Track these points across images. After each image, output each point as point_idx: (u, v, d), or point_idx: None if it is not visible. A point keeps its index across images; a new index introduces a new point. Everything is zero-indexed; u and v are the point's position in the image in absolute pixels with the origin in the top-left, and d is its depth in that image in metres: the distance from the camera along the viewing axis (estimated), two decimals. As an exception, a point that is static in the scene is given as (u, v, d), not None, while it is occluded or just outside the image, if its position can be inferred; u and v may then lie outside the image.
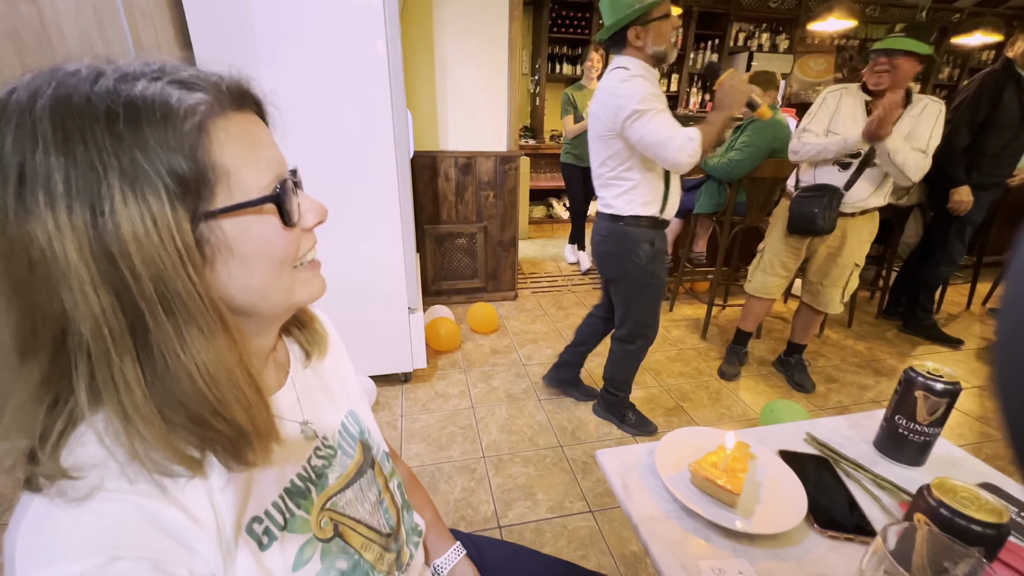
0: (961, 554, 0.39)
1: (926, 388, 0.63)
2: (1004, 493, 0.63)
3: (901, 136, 1.66)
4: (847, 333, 2.71)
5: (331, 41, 1.52)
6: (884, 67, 1.61)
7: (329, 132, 1.61)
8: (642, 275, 1.58)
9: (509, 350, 2.49)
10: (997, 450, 1.79)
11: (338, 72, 1.55)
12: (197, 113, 0.33)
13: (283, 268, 0.40)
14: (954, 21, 4.40)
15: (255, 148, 0.38)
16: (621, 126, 1.38)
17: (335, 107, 1.59)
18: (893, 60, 1.58)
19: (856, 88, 1.76)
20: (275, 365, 0.50)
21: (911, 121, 1.68)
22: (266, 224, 0.38)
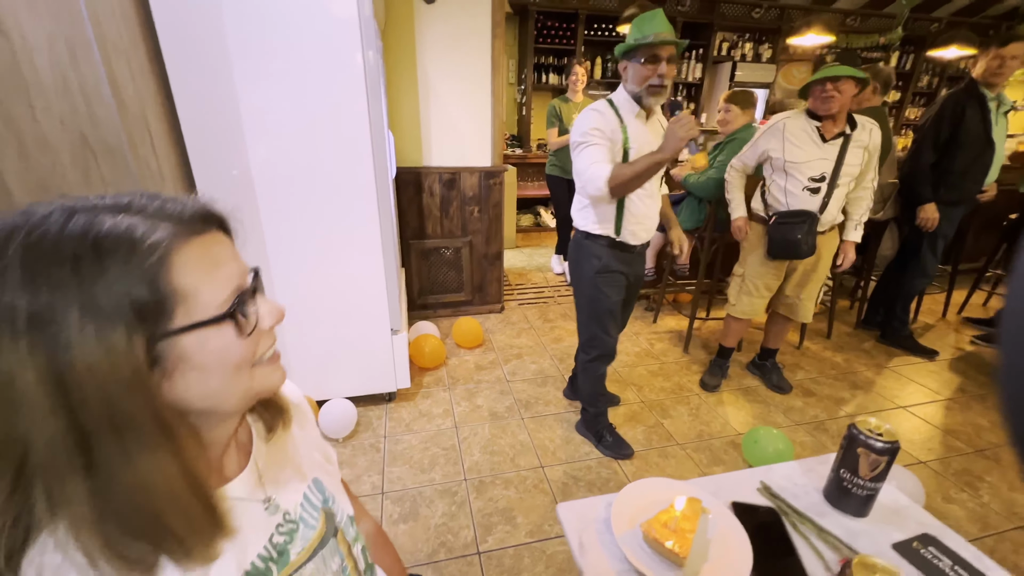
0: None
1: (867, 446, 0.66)
2: (940, 545, 0.66)
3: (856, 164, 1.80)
4: (826, 344, 2.76)
5: (308, 66, 1.52)
6: (831, 92, 1.69)
7: (305, 156, 1.62)
8: (589, 288, 1.64)
9: (494, 366, 2.50)
10: (965, 464, 1.84)
11: (315, 96, 1.56)
12: (159, 247, 0.36)
13: (241, 371, 0.43)
14: (933, 31, 4.48)
15: (215, 267, 0.40)
16: (571, 150, 1.52)
17: (312, 130, 1.59)
18: (839, 86, 1.67)
19: (799, 113, 1.84)
20: (236, 447, 0.52)
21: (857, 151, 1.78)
22: (223, 336, 0.40)
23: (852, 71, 1.66)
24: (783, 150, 1.84)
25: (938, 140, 2.24)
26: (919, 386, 2.37)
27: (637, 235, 1.59)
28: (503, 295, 3.24)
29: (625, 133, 1.46)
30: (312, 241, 1.73)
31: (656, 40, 1.34)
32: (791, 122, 1.85)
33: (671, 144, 1.32)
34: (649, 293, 3.20)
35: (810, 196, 1.84)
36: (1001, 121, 2.21)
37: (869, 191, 1.92)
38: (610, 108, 1.47)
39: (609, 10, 4.04)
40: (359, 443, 1.88)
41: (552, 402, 2.19)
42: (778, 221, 1.90)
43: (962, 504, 1.65)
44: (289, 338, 1.85)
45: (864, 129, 1.80)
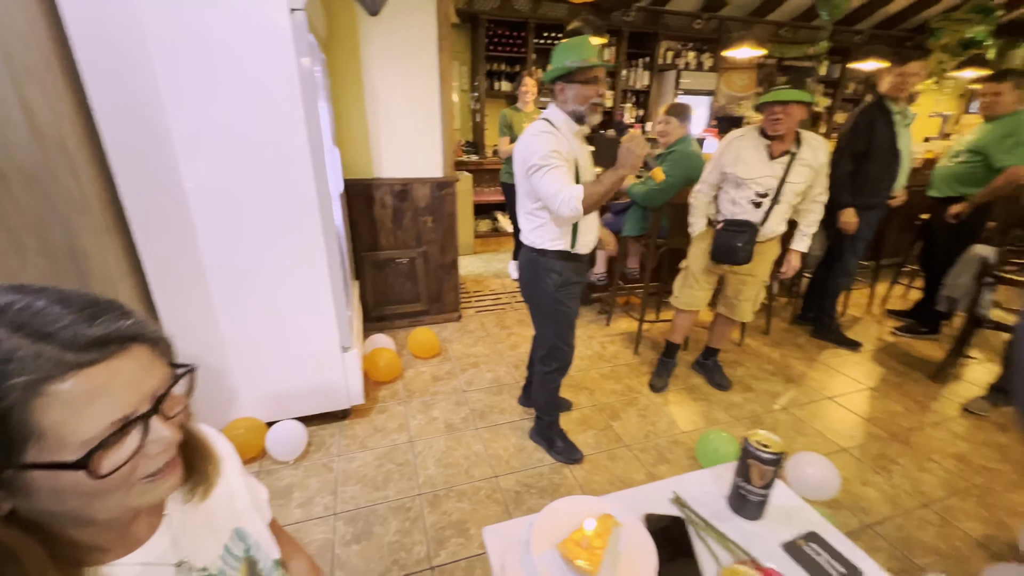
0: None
1: (756, 458, 0.73)
2: (822, 541, 0.75)
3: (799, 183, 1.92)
4: (764, 340, 2.94)
5: (240, 80, 1.48)
6: (779, 115, 1.80)
7: (242, 173, 1.57)
8: (551, 302, 1.69)
9: (451, 376, 2.53)
10: (882, 448, 2.02)
11: (249, 110, 1.52)
12: (18, 389, 0.34)
13: (104, 497, 0.41)
14: (856, 42, 4.82)
15: (93, 402, 0.38)
16: (526, 173, 1.52)
17: (247, 146, 1.55)
18: (787, 109, 1.78)
19: (753, 131, 1.95)
20: (148, 513, 0.51)
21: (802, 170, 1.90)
22: (71, 477, 0.37)
23: (800, 95, 1.76)
24: (736, 165, 1.95)
25: (854, 151, 2.44)
26: (845, 377, 2.57)
27: (587, 244, 1.68)
28: (460, 303, 3.26)
29: (573, 154, 1.52)
30: (254, 261, 1.70)
31: (595, 64, 1.44)
32: (744, 139, 1.95)
33: (629, 161, 1.42)
34: (602, 297, 3.30)
35: (754, 209, 1.97)
36: (904, 132, 2.42)
37: (819, 204, 2.04)
38: (555, 129, 1.51)
39: (557, 19, 4.13)
40: (311, 464, 1.86)
41: (507, 410, 2.24)
42: (724, 228, 2.02)
43: (877, 486, 1.81)
44: (235, 361, 1.80)
45: (810, 147, 1.90)
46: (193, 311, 1.68)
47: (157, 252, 1.58)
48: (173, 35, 1.39)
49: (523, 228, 1.68)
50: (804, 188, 1.94)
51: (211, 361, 1.77)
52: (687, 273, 2.25)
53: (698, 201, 2.14)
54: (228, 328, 1.74)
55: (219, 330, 1.73)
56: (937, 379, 2.50)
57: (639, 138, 1.42)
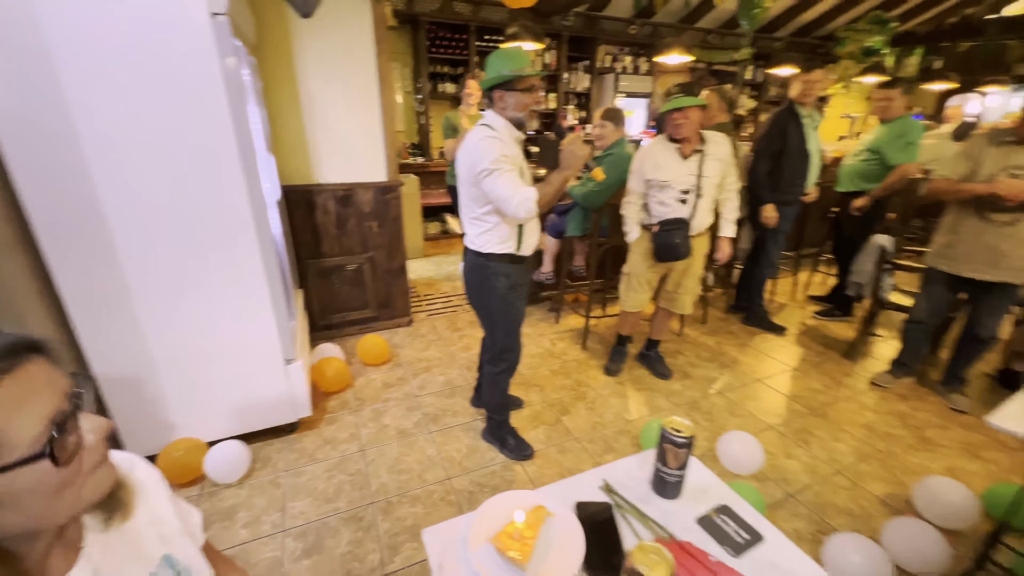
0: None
1: (671, 442, 0.81)
2: (732, 513, 0.83)
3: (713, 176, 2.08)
4: (702, 330, 3.14)
5: (157, 84, 1.41)
6: (680, 120, 1.98)
7: (165, 183, 1.50)
8: (500, 304, 1.74)
9: (402, 382, 2.52)
10: (803, 423, 2.21)
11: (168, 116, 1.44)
12: None
13: (64, 491, 0.43)
14: (775, 48, 5.20)
15: (24, 403, 0.40)
16: (475, 178, 1.54)
17: (169, 154, 1.48)
18: (685, 113, 1.96)
19: (662, 139, 2.12)
20: (64, 547, 0.50)
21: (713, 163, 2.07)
22: (38, 470, 0.40)
23: (693, 101, 1.95)
24: (656, 171, 2.09)
25: (770, 151, 2.65)
26: (772, 360, 2.79)
27: (532, 246, 1.74)
28: (411, 308, 3.24)
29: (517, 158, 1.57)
30: (184, 273, 1.62)
31: (529, 73, 1.49)
32: (656, 146, 2.12)
33: (573, 162, 1.51)
34: (551, 295, 3.39)
35: (681, 205, 2.12)
36: (813, 134, 2.66)
37: (733, 192, 2.22)
38: (498, 135, 1.54)
39: (499, 22, 4.17)
40: (257, 482, 1.81)
41: (459, 412, 2.26)
42: (661, 228, 2.15)
43: (798, 458, 1.99)
44: (168, 381, 1.72)
45: (714, 143, 2.09)
46: (117, 331, 1.58)
47: (71, 269, 1.48)
48: (74, 36, 1.30)
49: (469, 233, 1.71)
50: (719, 180, 2.12)
51: (141, 382, 1.68)
52: (630, 278, 2.37)
53: (629, 211, 2.27)
54: (158, 347, 1.66)
55: (147, 349, 1.64)
56: (850, 357, 2.77)
57: (580, 141, 1.50)
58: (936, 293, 2.20)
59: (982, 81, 4.45)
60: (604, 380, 2.56)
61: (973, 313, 2.17)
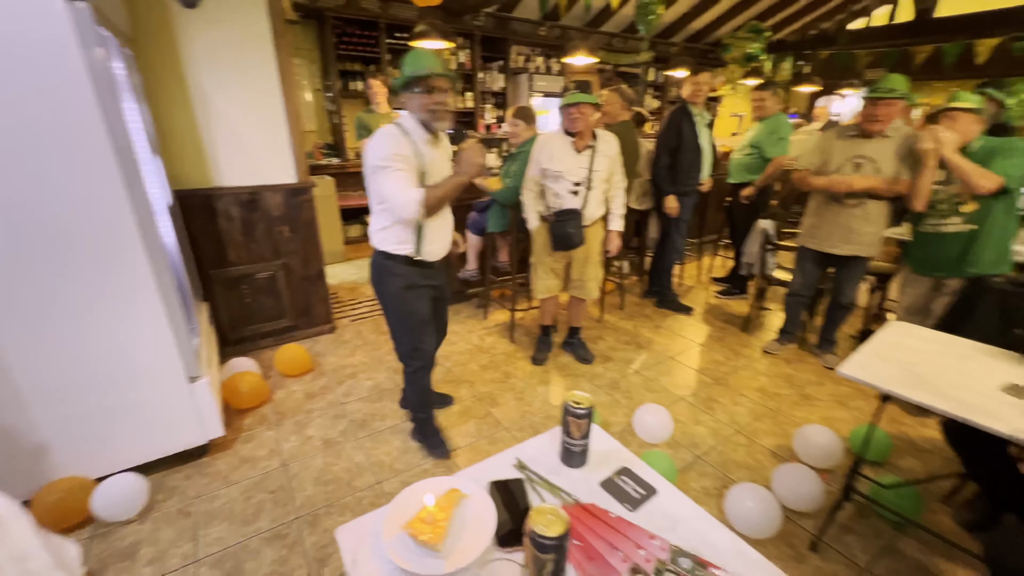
0: (542, 559, 0.60)
1: (573, 414, 0.87)
2: (632, 474, 0.92)
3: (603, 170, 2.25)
4: (620, 315, 3.34)
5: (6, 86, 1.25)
6: (575, 114, 2.12)
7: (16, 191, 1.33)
8: (395, 305, 1.74)
9: (326, 391, 2.42)
10: (708, 393, 2.45)
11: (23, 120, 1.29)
12: None
13: None
14: (672, 52, 5.64)
15: None
16: (370, 173, 1.54)
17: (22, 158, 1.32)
18: (580, 109, 2.10)
19: (561, 133, 2.24)
20: None
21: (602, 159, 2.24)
22: None
23: (587, 98, 2.09)
24: (551, 162, 2.20)
25: (668, 147, 2.89)
26: (682, 338, 3.05)
27: (435, 252, 1.73)
28: (333, 314, 3.12)
29: (421, 158, 1.56)
30: (54, 292, 1.45)
31: (431, 73, 1.49)
32: (553, 138, 2.23)
33: (469, 168, 1.54)
34: (477, 292, 3.43)
35: (573, 197, 2.25)
36: (704, 131, 2.94)
37: (620, 189, 2.38)
38: (403, 134, 1.55)
39: (408, 20, 4.12)
40: (162, 514, 1.66)
41: (389, 416, 2.23)
42: (556, 219, 2.26)
43: (705, 424, 2.20)
44: (40, 415, 1.52)
45: (604, 141, 2.25)
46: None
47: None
48: None
49: (372, 227, 1.69)
50: (608, 175, 2.28)
51: (2, 423, 1.47)
52: (536, 267, 2.49)
53: (528, 199, 2.37)
54: (25, 378, 1.46)
55: (11, 381, 1.44)
56: (746, 330, 3.10)
57: (477, 146, 1.53)
58: (807, 269, 2.54)
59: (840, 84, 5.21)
60: (531, 370, 2.65)
61: (836, 284, 2.53)
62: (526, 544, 0.64)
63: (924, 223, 2.12)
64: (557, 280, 2.50)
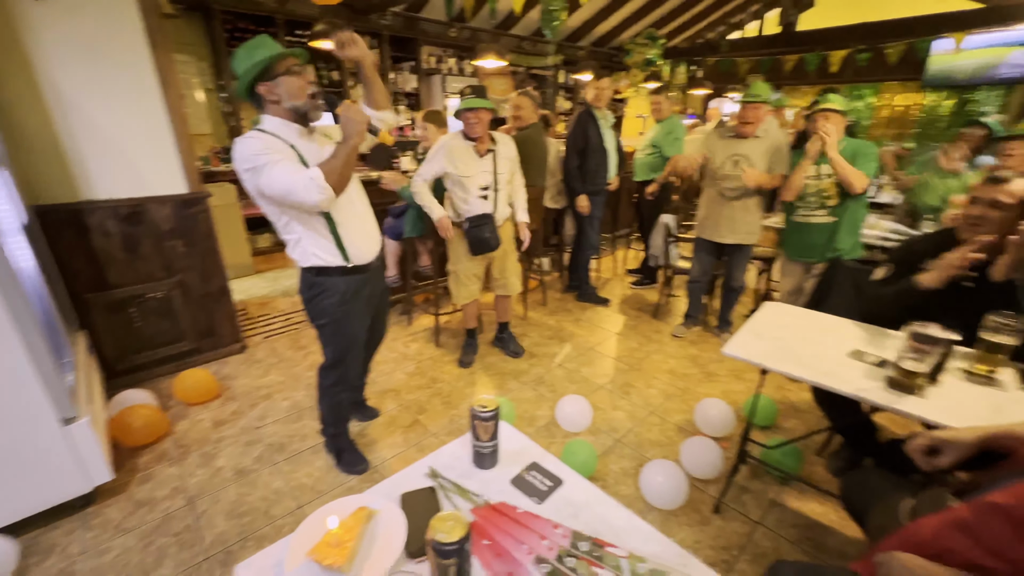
0: (444, 565, 0.62)
1: (478, 417, 0.90)
2: (540, 468, 0.97)
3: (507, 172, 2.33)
4: (544, 311, 3.45)
5: None
6: (473, 119, 2.17)
7: None
8: (333, 323, 1.65)
9: (238, 416, 2.26)
10: (625, 379, 2.61)
11: None
12: None
13: None
14: (580, 56, 5.89)
15: None
16: (254, 186, 1.37)
17: None
18: (477, 114, 2.16)
19: (458, 136, 2.28)
20: None
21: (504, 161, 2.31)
22: None
23: (483, 103, 2.15)
24: (456, 167, 2.23)
25: (576, 148, 3.03)
26: (601, 328, 3.22)
27: (365, 252, 1.63)
28: (243, 332, 2.91)
29: (297, 151, 1.41)
30: None
31: (285, 52, 1.35)
32: (454, 143, 2.25)
33: (353, 129, 1.37)
34: (400, 298, 3.37)
35: (483, 201, 2.30)
36: (609, 133, 3.12)
37: (521, 186, 2.49)
38: (267, 135, 1.38)
39: (309, 16, 3.91)
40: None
41: (310, 435, 2.13)
42: (470, 225, 2.30)
43: (623, 408, 2.35)
44: None
45: (503, 144, 2.33)
46: None
47: None
48: None
49: (288, 248, 1.58)
50: (510, 177, 2.37)
51: None
52: (457, 275, 2.51)
53: (419, 188, 2.34)
54: None
55: None
56: (657, 316, 3.35)
57: (354, 106, 1.39)
58: (703, 257, 2.81)
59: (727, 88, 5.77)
60: (459, 373, 2.66)
61: (727, 270, 2.81)
62: (428, 552, 0.65)
63: (796, 213, 2.42)
64: (478, 284, 2.54)
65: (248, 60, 1.34)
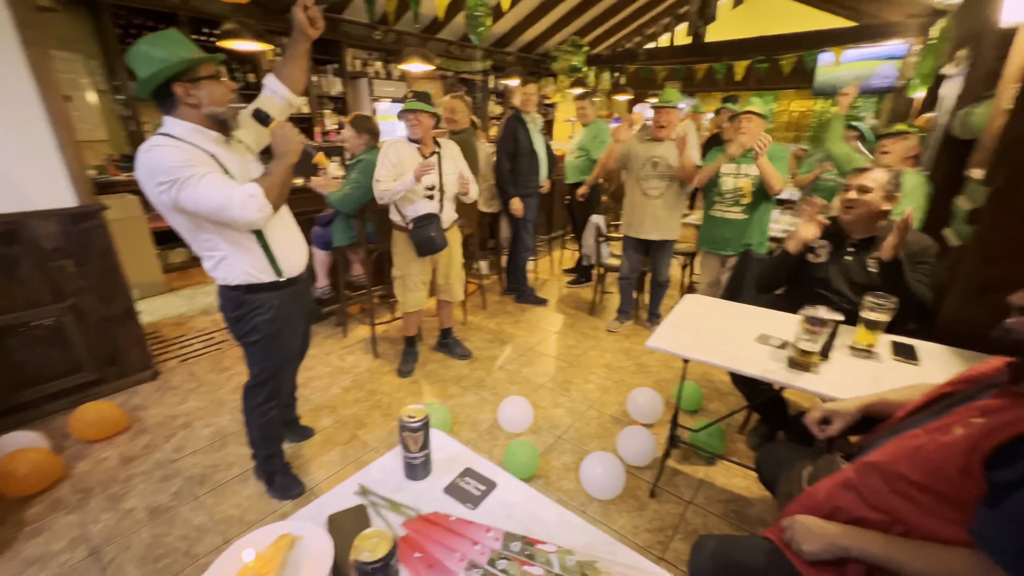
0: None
1: (407, 428, 0.89)
2: (474, 472, 0.97)
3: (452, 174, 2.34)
4: (483, 315, 3.46)
5: None
6: (413, 121, 2.19)
7: None
8: (265, 342, 1.56)
9: (151, 449, 2.06)
10: (565, 376, 2.68)
11: None
12: None
13: None
14: (508, 61, 5.97)
15: None
16: (169, 200, 1.24)
17: None
18: (417, 116, 2.18)
19: (402, 140, 2.27)
20: None
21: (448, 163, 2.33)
22: None
23: (424, 106, 2.17)
24: (402, 168, 2.21)
25: (507, 152, 3.07)
26: (540, 328, 3.28)
27: (296, 264, 1.57)
28: (153, 358, 2.65)
29: (218, 161, 1.31)
30: None
31: (206, 57, 1.27)
32: (399, 146, 2.24)
33: (288, 147, 1.34)
34: (333, 309, 3.23)
35: (429, 202, 2.30)
36: (538, 137, 3.20)
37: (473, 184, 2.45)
38: (179, 142, 1.24)
39: (216, 14, 3.65)
40: None
41: (236, 462, 1.99)
42: (415, 226, 2.27)
43: (563, 405, 2.41)
44: None
45: (447, 147, 2.36)
46: None
47: None
48: None
49: (205, 267, 1.46)
50: (455, 178, 2.37)
51: None
52: (404, 280, 2.46)
53: (386, 186, 2.21)
54: None
55: None
56: (593, 313, 3.47)
57: (287, 124, 1.36)
58: (631, 254, 2.95)
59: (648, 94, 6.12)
60: (398, 383, 2.60)
61: (652, 265, 2.98)
62: (352, 574, 0.63)
63: (714, 208, 2.61)
64: (425, 290, 2.52)
65: (155, 60, 1.20)
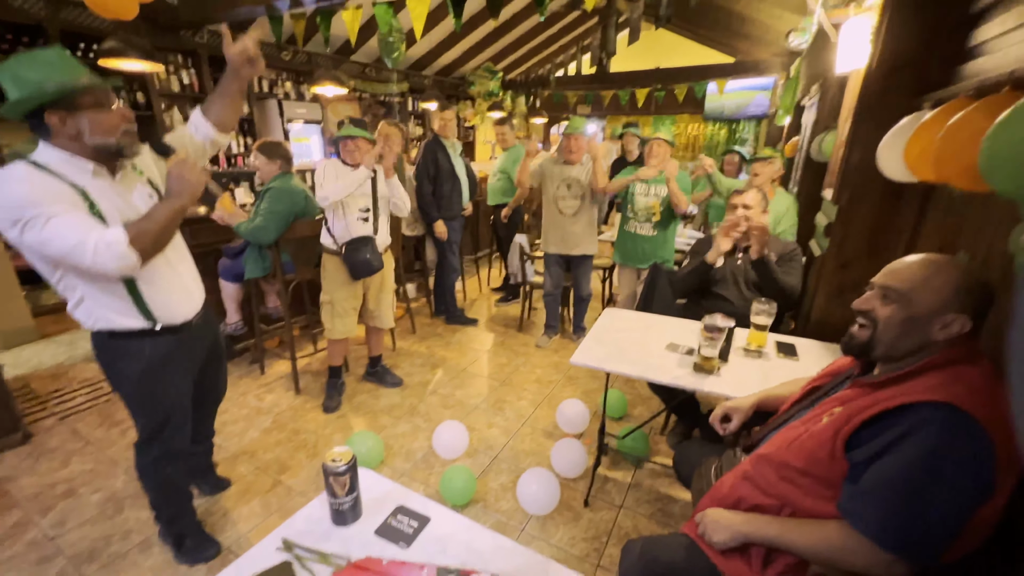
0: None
1: (332, 473, 0.87)
2: (406, 510, 0.96)
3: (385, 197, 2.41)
4: (413, 339, 3.40)
5: None
6: (353, 147, 2.24)
7: None
8: (139, 393, 1.39)
9: (21, 528, 1.76)
10: (499, 394, 2.71)
11: None
12: None
13: None
14: (426, 84, 6.02)
15: None
16: (15, 239, 1.08)
17: None
18: (356, 142, 2.23)
19: (335, 161, 2.28)
20: None
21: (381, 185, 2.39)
22: None
23: (363, 133, 2.24)
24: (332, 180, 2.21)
25: (428, 176, 3.10)
26: (471, 348, 3.29)
27: (180, 311, 1.38)
28: (23, 418, 2.28)
29: (87, 197, 1.15)
30: None
31: (98, 84, 1.15)
32: (332, 167, 2.23)
33: (186, 189, 1.21)
34: (247, 346, 3.00)
35: (364, 223, 2.31)
36: (459, 160, 3.26)
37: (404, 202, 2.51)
38: (43, 173, 1.10)
39: (94, 29, 3.30)
40: None
41: (136, 528, 1.77)
42: (349, 248, 2.26)
43: (497, 425, 2.43)
44: None
45: (380, 170, 2.38)
46: None
47: None
48: None
49: (68, 307, 1.28)
50: (387, 200, 2.42)
51: None
52: (333, 306, 2.39)
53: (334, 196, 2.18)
54: None
55: None
56: (522, 330, 3.55)
57: (187, 161, 1.23)
58: (553, 271, 3.09)
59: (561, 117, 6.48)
60: (324, 419, 2.47)
61: (574, 280, 3.14)
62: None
63: (628, 223, 2.84)
64: (354, 316, 2.47)
65: (33, 78, 1.06)
